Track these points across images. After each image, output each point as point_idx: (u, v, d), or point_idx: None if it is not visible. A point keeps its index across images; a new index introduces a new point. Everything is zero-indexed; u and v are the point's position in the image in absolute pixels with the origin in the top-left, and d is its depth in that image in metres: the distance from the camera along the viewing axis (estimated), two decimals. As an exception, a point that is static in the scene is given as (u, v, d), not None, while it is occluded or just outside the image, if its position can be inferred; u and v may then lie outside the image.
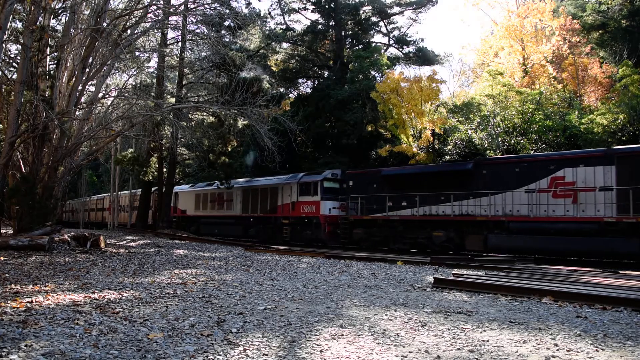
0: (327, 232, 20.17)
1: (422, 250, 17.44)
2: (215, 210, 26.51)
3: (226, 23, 23.00)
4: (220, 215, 26.14)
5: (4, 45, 14.31)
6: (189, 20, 18.25)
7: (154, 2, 17.56)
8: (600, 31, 32.10)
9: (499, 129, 23.09)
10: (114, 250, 14.42)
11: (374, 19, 35.24)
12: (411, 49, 34.95)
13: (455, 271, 10.78)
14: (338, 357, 3.97)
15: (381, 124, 29.08)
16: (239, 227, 24.70)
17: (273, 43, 32.10)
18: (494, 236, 15.30)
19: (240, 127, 25.75)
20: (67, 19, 16.58)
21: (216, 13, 19.81)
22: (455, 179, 16.75)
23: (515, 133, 22.58)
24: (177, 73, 27.09)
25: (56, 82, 15.38)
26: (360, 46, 34.57)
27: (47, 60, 16.47)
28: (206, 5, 19.43)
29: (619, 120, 20.30)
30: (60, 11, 17.56)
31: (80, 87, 15.82)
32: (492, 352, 4.19)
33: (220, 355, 3.93)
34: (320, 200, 20.26)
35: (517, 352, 4.21)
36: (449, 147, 25.03)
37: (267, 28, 32.64)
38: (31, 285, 7.28)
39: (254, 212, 23.84)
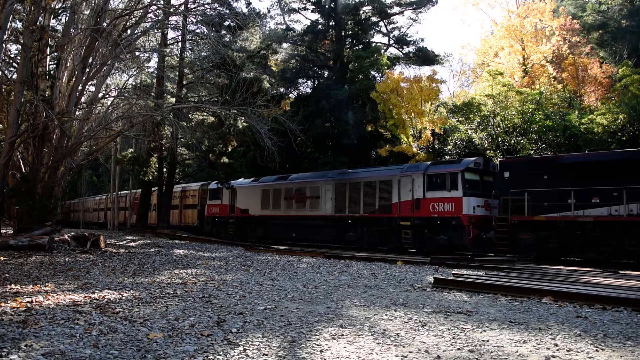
0: (472, 237, 15.77)
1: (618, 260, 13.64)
2: (293, 210, 21.73)
3: (226, 23, 22.99)
4: (300, 216, 21.38)
5: (4, 45, 14.31)
6: (189, 20, 18.26)
7: (154, 2, 17.57)
8: (600, 31, 32.13)
9: (499, 129, 23.08)
10: (114, 250, 14.42)
11: (374, 19, 35.21)
12: (411, 49, 34.91)
13: (455, 271, 10.78)
14: (338, 357, 3.97)
15: (381, 124, 29.08)
16: (330, 229, 20.15)
17: (273, 43, 32.08)
18: None
19: (241, 127, 25.66)
20: (67, 19, 16.61)
21: (216, 13, 19.80)
22: None
23: (515, 133, 22.57)
24: (177, 73, 27.10)
25: (56, 82, 15.39)
26: (360, 46, 34.54)
27: (47, 60, 16.49)
28: (206, 5, 19.44)
29: (619, 120, 20.28)
30: (60, 11, 17.60)
31: (80, 87, 15.83)
32: (492, 352, 4.19)
33: (220, 355, 3.93)
34: (462, 196, 15.86)
35: (517, 352, 4.21)
36: (449, 147, 25.04)
37: (267, 28, 32.66)
38: (31, 285, 7.28)
39: (354, 211, 19.16)
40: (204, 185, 28.60)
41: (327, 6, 33.78)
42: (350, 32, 35.23)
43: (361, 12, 34.34)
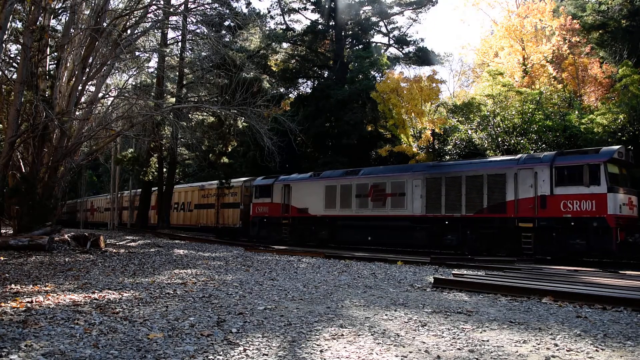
0: (619, 242, 13.33)
1: None
2: (369, 209, 18.84)
3: (226, 23, 23.02)
4: (378, 216, 18.52)
5: (4, 45, 14.31)
6: (189, 20, 18.27)
7: (154, 2, 17.57)
8: (600, 31, 32.10)
9: (499, 129, 23.08)
10: (114, 250, 14.42)
11: (374, 19, 35.25)
12: (411, 49, 34.97)
13: (455, 271, 10.78)
14: (338, 357, 3.97)
15: (381, 124, 29.10)
16: (419, 232, 17.32)
17: (273, 43, 32.10)
18: None
19: (240, 127, 25.61)
20: (67, 19, 16.61)
21: (216, 13, 19.83)
22: None
23: (515, 133, 22.58)
24: (177, 73, 27.13)
25: (56, 82, 15.39)
26: (360, 46, 34.58)
27: (47, 60, 16.48)
28: (206, 5, 19.46)
29: (619, 120, 20.28)
30: (60, 11, 17.60)
31: (80, 87, 15.83)
32: (492, 352, 4.19)
33: (220, 355, 3.93)
34: (606, 192, 13.35)
35: (517, 352, 4.21)
36: (449, 147, 25.04)
37: (267, 28, 32.69)
38: (31, 285, 7.28)
39: (452, 210, 16.48)
40: (248, 182, 25.68)
41: (327, 6, 33.80)
42: (350, 32, 35.25)
43: (361, 12, 34.37)
